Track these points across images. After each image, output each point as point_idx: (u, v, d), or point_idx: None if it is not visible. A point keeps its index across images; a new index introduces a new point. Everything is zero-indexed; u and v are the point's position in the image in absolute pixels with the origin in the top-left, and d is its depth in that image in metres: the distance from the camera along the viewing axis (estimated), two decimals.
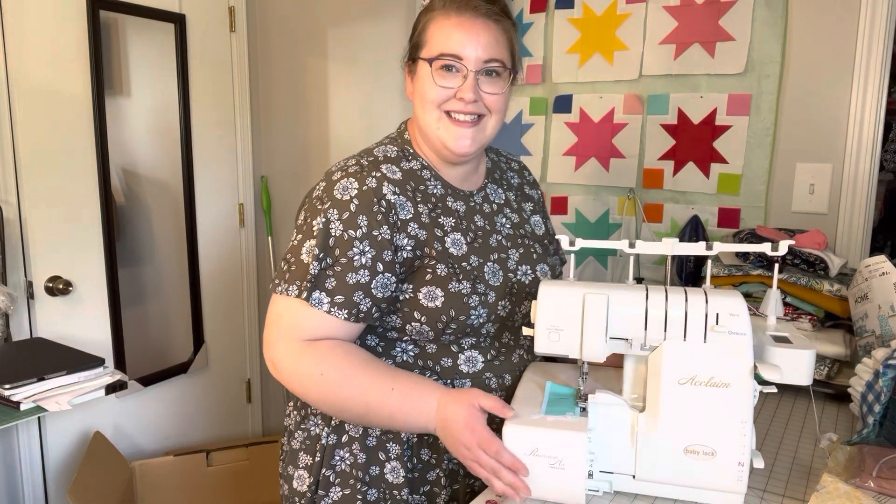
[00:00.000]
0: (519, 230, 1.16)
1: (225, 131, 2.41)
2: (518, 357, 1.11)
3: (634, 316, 0.88)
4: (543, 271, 1.16)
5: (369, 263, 0.99)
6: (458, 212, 1.09)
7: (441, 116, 1.05)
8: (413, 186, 1.06)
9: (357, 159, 1.07)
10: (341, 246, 0.99)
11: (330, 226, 1.00)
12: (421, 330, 1.03)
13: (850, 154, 1.63)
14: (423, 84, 1.05)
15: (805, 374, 0.85)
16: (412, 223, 1.02)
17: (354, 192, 1.00)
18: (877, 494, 0.85)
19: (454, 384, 1.05)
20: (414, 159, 1.10)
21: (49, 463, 1.92)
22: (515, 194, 1.22)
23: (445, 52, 1.02)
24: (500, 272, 1.08)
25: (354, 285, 0.98)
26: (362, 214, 1.00)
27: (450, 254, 1.04)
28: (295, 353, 0.99)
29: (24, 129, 1.80)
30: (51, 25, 1.84)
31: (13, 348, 1.74)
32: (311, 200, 1.05)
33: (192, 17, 2.22)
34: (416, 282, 1.02)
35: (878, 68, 1.58)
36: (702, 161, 1.82)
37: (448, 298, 1.01)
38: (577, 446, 0.84)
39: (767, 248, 0.91)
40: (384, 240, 1.00)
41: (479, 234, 1.09)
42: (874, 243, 1.75)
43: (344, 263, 0.99)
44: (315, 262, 0.98)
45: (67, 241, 1.92)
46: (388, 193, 1.01)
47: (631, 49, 1.88)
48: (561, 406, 0.93)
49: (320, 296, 0.98)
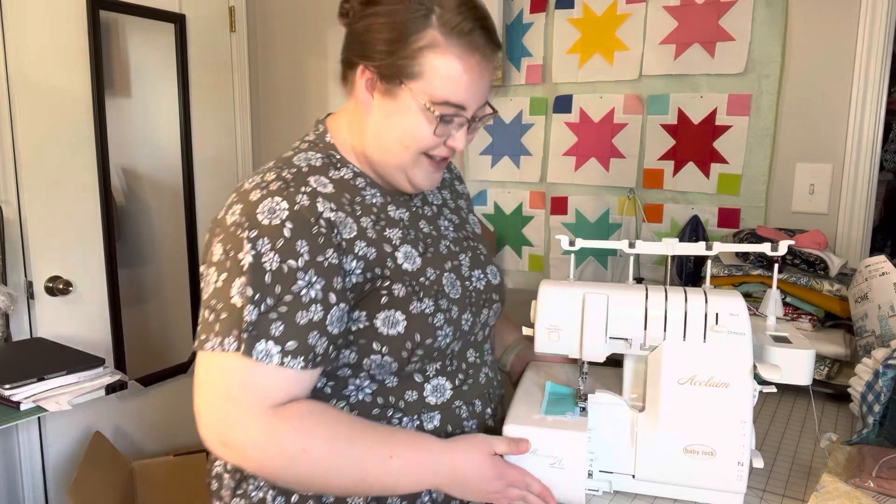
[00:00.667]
0: (461, 232, 1.06)
1: (225, 131, 2.41)
2: (485, 377, 1.02)
3: (634, 316, 0.88)
4: (494, 273, 1.06)
5: (320, 296, 0.83)
6: (402, 221, 0.95)
7: (420, 158, 0.92)
8: (350, 198, 0.91)
9: (276, 172, 0.89)
10: (283, 281, 0.82)
11: (263, 259, 0.81)
12: (382, 363, 0.89)
13: (850, 154, 1.63)
14: (409, 123, 0.89)
15: (805, 374, 0.85)
16: (358, 242, 0.88)
17: (286, 214, 0.83)
18: (877, 494, 0.85)
19: (421, 419, 0.93)
20: (343, 166, 0.94)
21: (49, 463, 1.92)
22: (450, 192, 1.12)
23: (452, 102, 0.88)
24: (458, 282, 0.96)
25: (307, 325, 0.82)
26: (301, 239, 0.83)
27: (404, 270, 0.91)
28: (266, 429, 0.80)
29: (24, 129, 1.80)
30: (51, 25, 1.84)
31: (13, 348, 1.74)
32: (227, 228, 0.85)
33: (192, 17, 2.22)
34: (371, 308, 0.88)
35: (878, 68, 1.58)
36: (702, 161, 1.82)
37: (411, 322, 0.89)
38: (577, 446, 0.84)
39: (767, 248, 0.91)
40: (332, 265, 0.85)
41: (429, 242, 0.97)
42: (874, 243, 1.75)
43: (290, 301, 0.81)
44: (251, 306, 0.80)
45: (67, 241, 1.92)
46: (325, 211, 0.86)
47: (631, 49, 1.88)
48: (561, 406, 0.93)
49: (267, 346, 0.80)
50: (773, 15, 1.68)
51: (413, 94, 0.87)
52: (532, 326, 0.93)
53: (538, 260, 2.14)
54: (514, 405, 0.93)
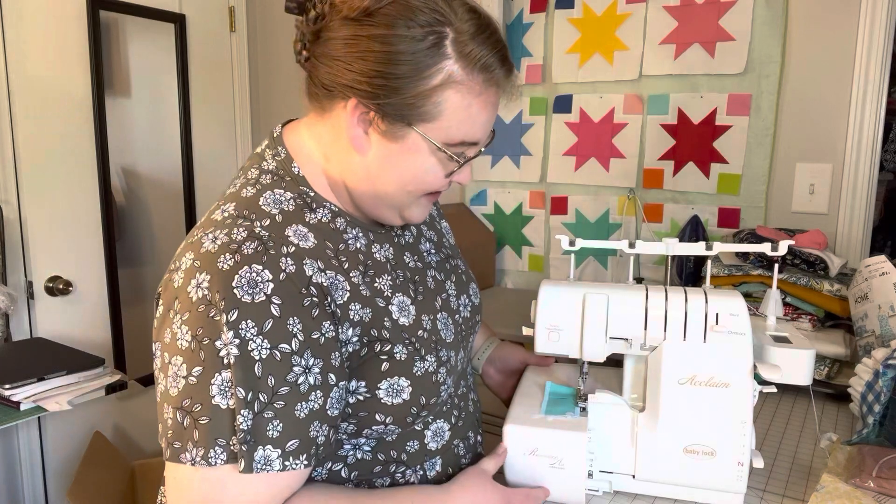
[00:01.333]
0: (441, 251, 0.96)
1: (225, 131, 2.41)
2: (472, 404, 0.96)
3: (634, 316, 0.88)
4: (475, 291, 0.97)
5: (320, 381, 0.71)
6: (388, 261, 0.83)
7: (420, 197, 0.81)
8: (333, 249, 0.77)
9: (245, 225, 0.72)
10: (275, 371, 0.68)
11: (249, 347, 0.67)
12: (385, 431, 0.80)
13: (850, 154, 1.63)
14: (416, 167, 0.76)
15: (805, 374, 0.85)
16: (353, 304, 0.75)
17: (270, 288, 0.68)
18: (877, 494, 0.85)
19: (424, 468, 0.85)
20: (319, 207, 0.79)
21: (49, 463, 1.92)
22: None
23: (469, 141, 0.77)
24: (450, 321, 0.87)
25: (308, 417, 0.70)
26: (292, 316, 0.69)
27: (401, 326, 0.79)
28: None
29: (24, 129, 1.80)
30: (51, 25, 1.84)
31: (13, 348, 1.74)
32: (193, 306, 0.69)
33: (192, 17, 2.22)
34: (371, 377, 0.76)
35: (878, 68, 1.58)
36: (702, 161, 1.82)
37: (416, 385, 0.78)
38: (577, 446, 0.84)
39: (767, 248, 0.91)
40: (329, 340, 0.72)
41: (418, 280, 0.86)
42: (874, 243, 1.75)
43: (286, 394, 0.68)
44: (245, 410, 0.66)
45: (67, 241, 1.92)
46: (314, 274, 0.72)
47: (631, 49, 1.88)
48: (561, 406, 0.93)
49: (265, 453, 0.67)
50: (773, 15, 1.68)
51: (425, 136, 0.74)
52: (532, 326, 0.92)
53: (538, 260, 2.14)
54: (514, 405, 0.93)
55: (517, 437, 0.87)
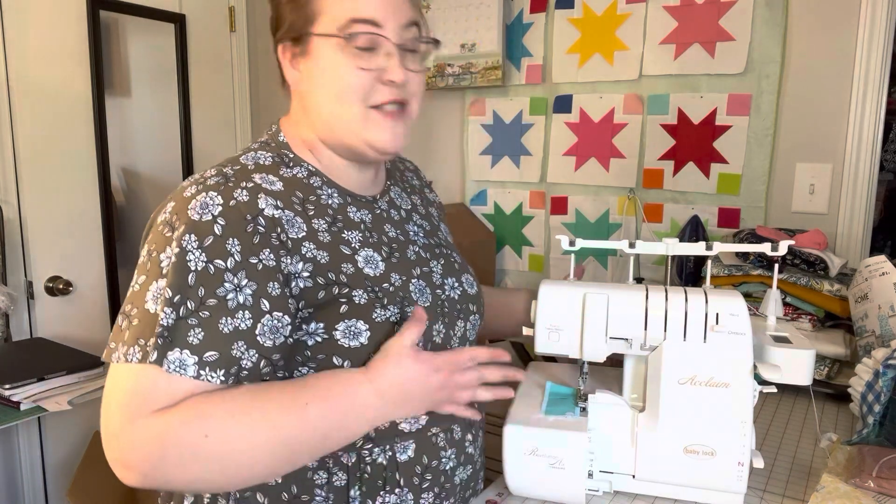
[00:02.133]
0: (433, 238, 0.98)
1: (225, 131, 2.41)
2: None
3: (634, 316, 0.88)
4: (469, 282, 0.98)
5: (250, 302, 0.74)
6: (363, 223, 0.87)
7: (367, 112, 0.83)
8: (302, 197, 0.83)
9: (218, 169, 0.81)
10: (207, 283, 0.72)
11: (187, 257, 0.72)
12: None
13: (850, 154, 1.63)
14: (331, 68, 0.81)
15: (805, 374, 0.85)
16: (307, 243, 0.79)
17: (219, 210, 0.75)
18: (877, 494, 0.85)
19: (394, 449, 0.84)
20: (297, 165, 0.86)
21: (49, 463, 1.92)
22: (420, 198, 1.04)
23: (359, 18, 0.79)
24: (427, 289, 0.89)
25: (232, 334, 0.72)
26: (233, 237, 0.74)
27: (365, 275, 0.82)
28: (154, 436, 0.69)
29: (24, 129, 1.80)
30: (51, 25, 1.84)
31: (13, 348, 1.74)
32: (156, 227, 0.77)
33: (192, 17, 2.22)
34: (329, 318, 0.79)
35: (878, 68, 1.58)
36: (702, 161, 1.82)
37: (375, 331, 0.80)
38: (577, 446, 0.84)
39: (767, 248, 0.91)
40: (268, 268, 0.75)
41: (395, 247, 0.89)
42: (874, 243, 1.75)
43: (213, 306, 0.72)
44: (169, 309, 0.71)
45: (67, 241, 1.92)
46: (266, 207, 0.78)
47: (631, 49, 1.88)
48: (561, 406, 0.93)
49: (182, 356, 0.70)
50: (773, 15, 1.68)
51: (320, 34, 0.81)
52: (532, 326, 0.92)
53: (538, 260, 2.14)
54: (514, 405, 0.93)
55: (517, 437, 0.87)
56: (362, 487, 0.84)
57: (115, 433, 0.71)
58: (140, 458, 0.70)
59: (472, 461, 0.95)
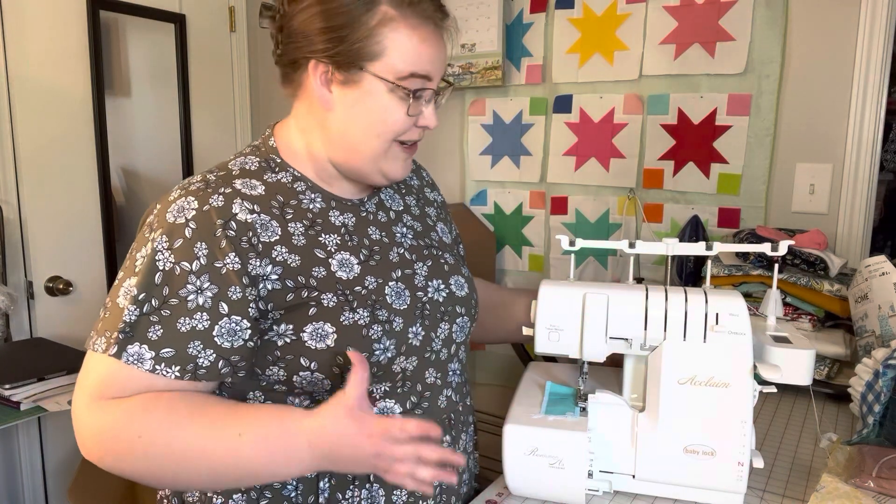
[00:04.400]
0: (423, 239, 0.98)
1: (225, 131, 2.41)
2: (445, 400, 0.93)
3: (634, 316, 0.88)
4: (459, 284, 0.97)
5: (209, 304, 0.77)
6: (344, 226, 0.89)
7: (392, 146, 0.87)
8: (282, 201, 0.85)
9: (204, 174, 0.85)
10: (171, 282, 0.77)
11: (157, 257, 0.77)
12: (313, 379, 0.82)
13: (850, 154, 1.63)
14: (378, 108, 0.84)
15: (805, 374, 0.85)
16: (279, 247, 0.82)
17: (192, 214, 0.79)
18: (877, 494, 0.85)
19: None
20: (283, 170, 0.89)
21: (49, 463, 1.92)
22: (416, 198, 1.04)
23: (418, 73, 0.84)
24: (406, 292, 0.89)
25: (188, 333, 0.76)
26: (201, 241, 0.78)
27: (337, 278, 0.84)
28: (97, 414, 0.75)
29: (24, 129, 1.80)
30: (51, 25, 1.84)
31: (13, 348, 1.74)
32: (142, 228, 0.83)
33: (192, 17, 2.22)
34: (297, 320, 0.81)
35: (878, 68, 1.58)
36: (702, 161, 1.82)
37: (342, 334, 0.81)
38: (577, 446, 0.84)
39: (767, 248, 0.91)
40: (230, 272, 0.78)
41: (376, 250, 0.90)
42: (874, 243, 1.75)
43: (174, 305, 0.76)
44: (133, 307, 0.76)
45: (67, 241, 1.92)
46: (240, 212, 0.81)
47: (631, 49, 1.88)
48: (561, 406, 0.93)
49: (140, 350, 0.75)
50: (773, 15, 1.68)
51: (376, 74, 0.82)
52: (532, 326, 0.92)
53: (538, 260, 2.14)
54: (514, 405, 0.93)
55: (517, 437, 0.87)
56: (331, 480, 0.85)
57: (76, 414, 0.77)
58: (91, 442, 0.76)
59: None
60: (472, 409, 1.03)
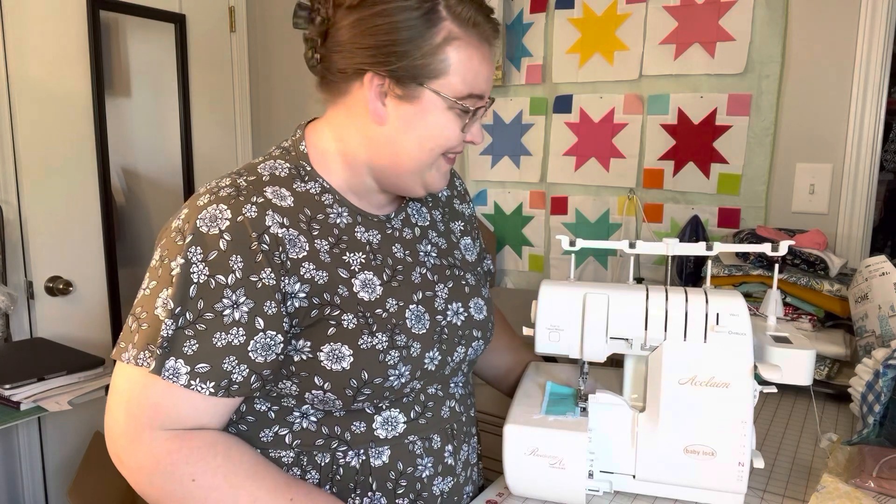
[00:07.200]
0: (446, 258, 0.97)
1: (225, 131, 2.41)
2: (449, 410, 0.94)
3: (634, 316, 0.88)
4: (479, 307, 0.97)
5: (245, 319, 0.76)
6: (369, 244, 0.87)
7: (439, 159, 0.87)
8: (309, 215, 0.84)
9: (233, 178, 0.82)
10: (206, 296, 0.75)
11: (191, 269, 0.75)
12: (325, 399, 0.82)
13: (850, 154, 1.63)
14: (435, 125, 0.83)
15: (805, 374, 0.85)
16: (307, 263, 0.80)
17: (226, 224, 0.77)
18: (877, 494, 0.85)
19: (368, 454, 0.86)
20: (311, 180, 0.86)
21: (49, 463, 1.92)
22: (442, 212, 1.02)
23: (476, 94, 0.83)
24: (427, 315, 0.88)
25: (224, 349, 0.75)
26: (236, 254, 0.76)
27: (359, 299, 0.83)
28: (153, 453, 0.75)
29: (24, 129, 1.80)
30: (51, 25, 1.84)
31: (13, 348, 1.74)
32: (170, 233, 0.79)
33: (192, 17, 2.22)
34: (316, 338, 0.80)
35: (878, 68, 1.58)
36: (702, 161, 1.82)
37: (358, 357, 0.80)
38: (577, 446, 0.84)
39: (767, 248, 0.91)
40: (266, 287, 0.77)
41: (399, 270, 0.89)
42: (874, 243, 1.75)
43: (210, 320, 0.75)
44: (170, 320, 0.75)
45: (67, 241, 1.92)
46: (273, 226, 0.79)
47: (631, 49, 1.88)
48: (561, 406, 0.93)
49: (176, 364, 0.74)
50: (773, 15, 1.68)
51: (437, 92, 0.81)
52: (532, 326, 0.92)
53: (538, 260, 2.14)
54: (514, 405, 0.93)
55: (517, 437, 0.87)
56: (333, 488, 0.86)
57: (120, 433, 0.76)
58: (136, 466, 0.76)
59: (454, 473, 0.94)
60: (475, 420, 1.03)
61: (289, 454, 0.85)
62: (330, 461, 0.85)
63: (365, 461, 0.86)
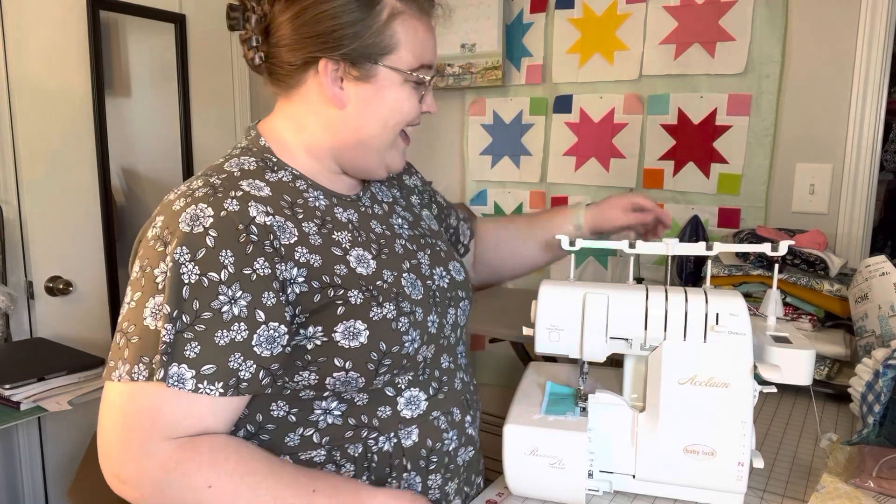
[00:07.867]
0: (416, 229, 0.99)
1: (225, 131, 2.41)
2: (460, 382, 0.96)
3: (634, 316, 0.87)
4: (457, 269, 0.99)
5: (245, 313, 0.74)
6: (350, 222, 0.88)
7: (397, 138, 0.90)
8: (290, 201, 0.83)
9: (205, 178, 0.81)
10: (201, 296, 0.73)
11: (181, 270, 0.73)
12: (347, 379, 0.81)
13: (850, 154, 1.63)
14: (393, 101, 0.85)
15: (805, 374, 0.85)
16: (299, 248, 0.80)
17: (210, 221, 0.75)
18: (877, 494, 0.85)
19: (398, 436, 0.87)
20: (281, 169, 0.86)
21: (49, 463, 1.92)
22: (399, 189, 1.05)
23: (426, 64, 0.87)
24: (418, 282, 0.90)
25: (228, 346, 0.73)
26: (225, 249, 0.74)
27: (359, 275, 0.83)
28: (165, 464, 0.71)
29: (24, 129, 1.80)
30: (51, 25, 1.84)
31: (13, 348, 1.74)
32: (147, 243, 0.77)
33: (192, 17, 2.22)
34: (327, 321, 0.80)
35: (878, 68, 1.58)
36: (702, 161, 1.82)
37: (374, 330, 0.81)
38: (576, 446, 0.84)
39: (767, 248, 0.91)
40: (262, 278, 0.76)
41: (383, 243, 0.90)
42: (874, 243, 1.75)
43: (208, 319, 0.73)
44: (169, 325, 0.72)
45: (67, 241, 1.92)
46: (258, 216, 0.78)
47: (631, 49, 1.88)
48: (561, 406, 0.93)
49: (180, 370, 0.71)
50: (773, 15, 1.68)
51: (392, 67, 0.84)
52: (532, 326, 0.92)
53: None
54: (514, 405, 0.93)
55: (517, 437, 0.87)
56: (371, 476, 0.86)
57: (120, 451, 0.73)
58: (143, 481, 0.73)
59: (473, 442, 0.97)
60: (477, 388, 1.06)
61: (320, 453, 0.84)
62: (363, 451, 0.85)
63: (397, 444, 0.87)
